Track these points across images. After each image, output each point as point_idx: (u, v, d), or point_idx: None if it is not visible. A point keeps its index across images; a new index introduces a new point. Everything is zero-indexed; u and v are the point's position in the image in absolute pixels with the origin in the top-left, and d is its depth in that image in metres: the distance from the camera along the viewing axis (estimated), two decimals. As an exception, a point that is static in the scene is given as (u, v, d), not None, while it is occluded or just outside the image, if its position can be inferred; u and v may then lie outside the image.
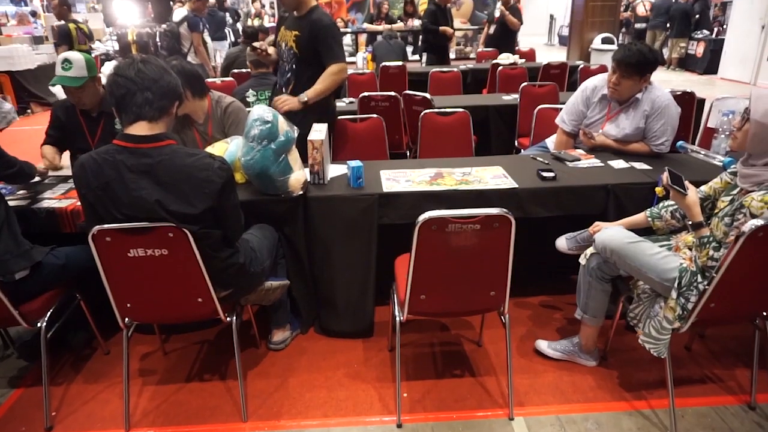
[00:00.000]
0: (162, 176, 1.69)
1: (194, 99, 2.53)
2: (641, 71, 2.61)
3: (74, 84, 2.54)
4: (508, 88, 5.01)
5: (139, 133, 1.71)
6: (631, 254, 1.97)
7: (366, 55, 6.62)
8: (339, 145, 3.32)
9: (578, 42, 9.13)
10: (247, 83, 3.73)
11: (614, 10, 8.89)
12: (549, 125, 3.25)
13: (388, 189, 2.34)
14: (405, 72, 5.55)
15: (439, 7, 6.29)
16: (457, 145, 3.44)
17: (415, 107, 3.88)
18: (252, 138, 2.13)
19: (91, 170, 1.71)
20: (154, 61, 1.75)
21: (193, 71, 2.49)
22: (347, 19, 9.69)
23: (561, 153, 2.76)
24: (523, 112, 4.14)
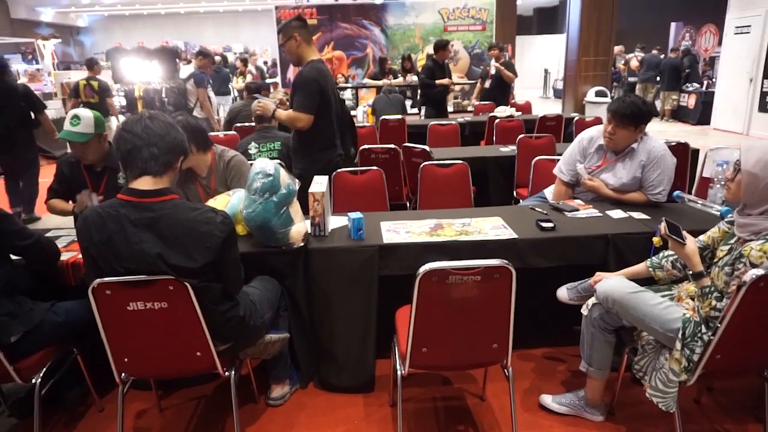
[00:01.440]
0: (164, 230, 1.70)
1: (198, 153, 2.58)
2: (636, 122, 2.67)
3: (79, 139, 2.60)
4: (506, 139, 5.12)
5: (143, 188, 1.74)
6: (633, 305, 1.96)
7: (366, 109, 6.79)
8: (339, 197, 3.36)
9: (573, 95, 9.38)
10: (250, 137, 3.81)
11: (606, 64, 9.20)
12: (547, 176, 3.30)
13: (389, 240, 2.35)
14: (404, 125, 5.69)
15: (437, 62, 6.52)
16: (457, 196, 3.48)
17: (414, 159, 3.94)
18: (254, 191, 2.16)
19: (95, 224, 1.72)
20: (161, 117, 1.80)
21: (197, 126, 2.56)
22: (348, 75, 10.01)
23: (559, 203, 2.79)
24: (520, 164, 4.21)
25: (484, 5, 10.36)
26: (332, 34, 10.26)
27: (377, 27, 10.29)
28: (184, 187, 2.64)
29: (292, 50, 3.10)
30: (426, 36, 10.27)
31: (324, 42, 10.26)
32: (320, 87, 3.02)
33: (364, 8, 10.47)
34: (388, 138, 5.39)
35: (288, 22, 3.12)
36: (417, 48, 10.37)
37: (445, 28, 10.34)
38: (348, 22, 10.23)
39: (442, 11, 10.34)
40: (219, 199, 2.36)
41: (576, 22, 8.93)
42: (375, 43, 10.34)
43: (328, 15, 10.22)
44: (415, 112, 7.27)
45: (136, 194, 1.73)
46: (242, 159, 2.71)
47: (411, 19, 10.30)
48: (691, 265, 1.90)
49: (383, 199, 3.39)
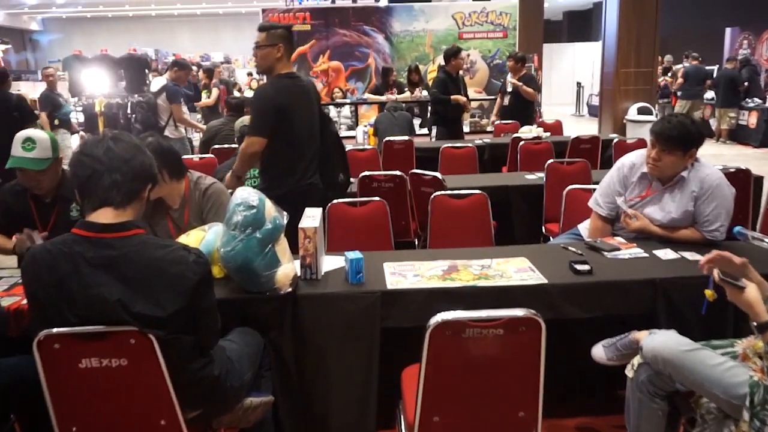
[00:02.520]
0: (127, 271, 1.71)
1: (171, 181, 2.61)
2: (684, 145, 2.70)
3: (36, 167, 2.62)
4: (532, 165, 5.16)
5: (102, 221, 1.75)
6: (689, 365, 1.94)
7: (367, 129, 6.88)
8: (335, 232, 3.37)
9: (611, 113, 9.49)
10: (231, 161, 3.85)
11: (650, 77, 9.32)
12: (581, 209, 3.32)
13: (393, 285, 2.35)
14: (412, 148, 5.75)
15: (450, 75, 6.63)
16: (474, 233, 3.49)
17: (424, 188, 3.97)
18: (234, 225, 2.18)
19: (44, 264, 1.73)
20: (126, 138, 1.83)
21: (170, 149, 2.60)
22: (346, 89, 10.17)
23: (597, 241, 2.79)
24: (550, 194, 4.24)
25: (505, 9, 10.57)
26: (328, 41, 10.45)
27: (381, 34, 10.49)
28: (151, 220, 2.66)
29: (267, 58, 3.19)
30: (437, 44, 10.44)
31: (319, 51, 10.45)
32: (276, 105, 3.10)
33: (365, 12, 10.70)
34: (392, 163, 5.44)
35: (277, 26, 3.22)
36: (427, 58, 10.55)
37: (460, 35, 10.52)
38: (347, 28, 10.44)
39: (456, 16, 10.55)
40: (192, 235, 2.37)
41: (613, 28, 9.11)
42: (378, 52, 10.53)
43: (323, 20, 10.43)
44: (425, 133, 7.35)
45: (95, 229, 1.74)
46: (221, 188, 2.74)
47: (420, 24, 10.51)
48: (753, 314, 1.89)
49: (387, 235, 3.40)
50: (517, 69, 7.05)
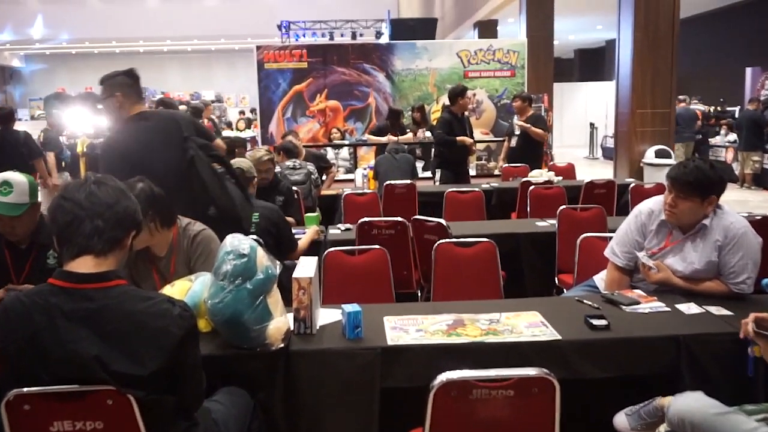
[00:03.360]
0: (106, 325, 1.70)
1: (162, 230, 2.63)
2: (702, 192, 2.72)
3: (12, 212, 2.63)
4: (543, 211, 5.18)
5: (82, 271, 1.75)
6: (720, 431, 1.91)
7: (367, 172, 6.94)
8: (332, 283, 3.36)
9: (626, 155, 9.57)
10: (219, 206, 3.88)
11: (667, 118, 9.44)
12: (597, 258, 3.32)
13: (394, 341, 2.33)
14: (414, 192, 5.79)
15: (455, 115, 6.73)
16: (481, 284, 3.49)
17: (427, 236, 3.98)
18: (223, 275, 2.18)
19: (17, 316, 1.72)
20: (110, 181, 1.85)
21: (161, 196, 2.63)
22: (345, 129, 10.30)
23: (614, 294, 2.78)
24: (563, 242, 4.25)
25: (513, 47, 10.80)
26: (326, 80, 10.63)
27: (381, 72, 10.67)
28: (133, 270, 2.66)
29: (109, 110, 3.27)
30: (441, 83, 10.61)
31: (316, 90, 10.62)
32: (121, 152, 3.13)
33: (365, 50, 10.92)
34: (394, 209, 5.47)
35: (112, 77, 3.27)
36: (430, 97, 10.71)
37: (466, 74, 10.71)
38: (346, 66, 10.62)
39: (461, 54, 10.76)
40: (177, 286, 2.37)
41: (627, 66, 9.28)
42: (379, 91, 10.69)
43: (321, 57, 10.63)
44: (428, 176, 7.41)
45: (73, 279, 1.74)
46: (211, 235, 2.76)
47: (423, 62, 10.71)
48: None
49: (387, 286, 3.40)
50: (523, 109, 7.18)
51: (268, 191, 4.61)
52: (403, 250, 4.04)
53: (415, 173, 6.62)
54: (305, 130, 10.43)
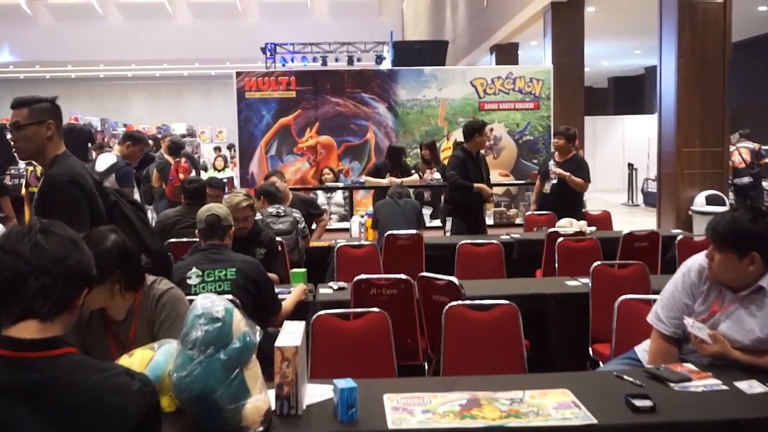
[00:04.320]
0: (53, 402, 1.69)
1: (126, 294, 2.64)
2: (738, 247, 2.74)
3: None
4: (574, 268, 5.17)
5: (24, 336, 1.74)
6: None
7: (364, 220, 6.97)
8: (321, 353, 3.35)
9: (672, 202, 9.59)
10: (190, 259, 3.88)
11: (720, 158, 9.47)
12: (638, 325, 3.31)
13: (396, 424, 2.31)
14: (421, 244, 5.80)
15: (470, 154, 6.80)
16: (501, 356, 3.47)
17: (436, 297, 3.98)
18: (192, 343, 2.17)
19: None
20: (60, 230, 1.85)
21: (135, 254, 2.65)
22: (339, 169, 10.32)
23: (660, 369, 2.76)
24: (597, 305, 4.24)
25: (536, 74, 10.92)
26: (317, 112, 10.70)
27: (383, 103, 10.75)
28: (85, 335, 2.66)
29: (35, 139, 3.12)
30: (453, 116, 10.71)
31: (305, 123, 10.68)
32: (86, 190, 3.13)
33: (364, 77, 11.03)
34: (396, 264, 5.46)
35: (40, 100, 3.18)
36: (440, 132, 10.78)
37: (482, 105, 10.80)
38: (341, 95, 10.70)
39: (476, 82, 10.87)
40: (137, 356, 2.36)
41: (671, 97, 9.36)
42: (379, 125, 10.75)
43: (312, 85, 10.73)
44: (437, 225, 7.43)
45: (14, 346, 1.73)
46: (179, 295, 2.75)
47: (432, 92, 10.80)
48: None
49: (388, 357, 3.38)
50: (565, 149, 7.13)
51: (247, 242, 4.62)
52: (407, 313, 4.03)
53: (422, 222, 6.64)
54: (292, 171, 10.50)
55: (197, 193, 5.96)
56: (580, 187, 7.07)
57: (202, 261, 3.80)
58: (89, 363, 1.77)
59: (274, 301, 3.87)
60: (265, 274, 3.88)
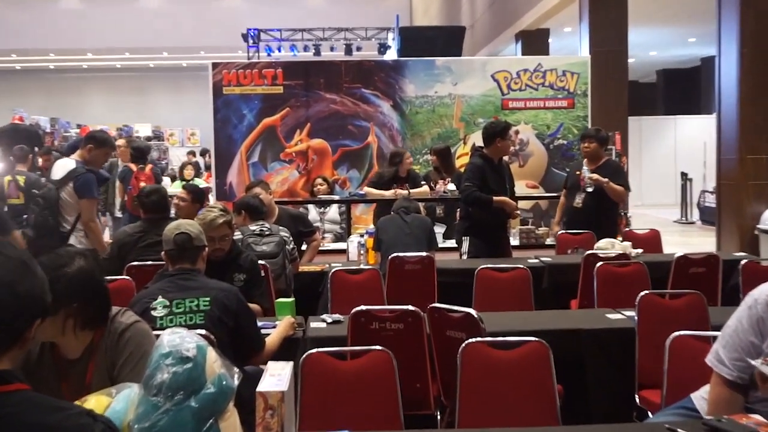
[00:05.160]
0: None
1: (81, 332, 2.63)
2: None
3: None
4: (616, 299, 5.16)
5: (-32, 372, 1.76)
6: None
7: (365, 240, 6.95)
8: (313, 399, 3.34)
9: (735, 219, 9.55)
10: (156, 286, 3.88)
11: (792, 168, 9.43)
12: (695, 368, 3.29)
13: (403, 486, 2.30)
14: (432, 269, 5.78)
15: (490, 161, 6.78)
16: (529, 404, 3.45)
17: (450, 332, 3.96)
18: (157, 388, 2.16)
19: None
20: (9, 250, 1.86)
21: (102, 286, 2.64)
22: (334, 179, 10.29)
23: (722, 420, 2.75)
24: (645, 344, 4.21)
25: (571, 66, 10.88)
26: (309, 110, 10.66)
27: (387, 101, 10.73)
28: (32, 376, 2.64)
29: None
30: (471, 116, 10.69)
31: (295, 124, 10.64)
32: None
33: (365, 70, 10.98)
34: (403, 292, 5.46)
35: None
36: (455, 136, 10.76)
37: (505, 103, 10.79)
38: (337, 91, 10.66)
39: (498, 76, 10.82)
40: (91, 402, 2.33)
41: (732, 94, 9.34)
42: (383, 126, 10.72)
43: (302, 79, 10.72)
44: (452, 246, 7.42)
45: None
46: (145, 330, 2.75)
47: (445, 87, 10.78)
48: None
49: (393, 405, 3.37)
50: (596, 154, 7.17)
51: (224, 267, 4.61)
52: (415, 352, 4.02)
53: (434, 242, 6.63)
54: (279, 180, 10.51)
55: (158, 206, 5.94)
56: (620, 196, 7.07)
57: (170, 289, 3.79)
58: (45, 401, 1.78)
59: (256, 336, 3.86)
60: (246, 305, 3.87)
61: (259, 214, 5.95)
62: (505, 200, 6.66)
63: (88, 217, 6.14)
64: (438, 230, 7.60)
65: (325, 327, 4.48)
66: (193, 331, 2.35)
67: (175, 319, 3.67)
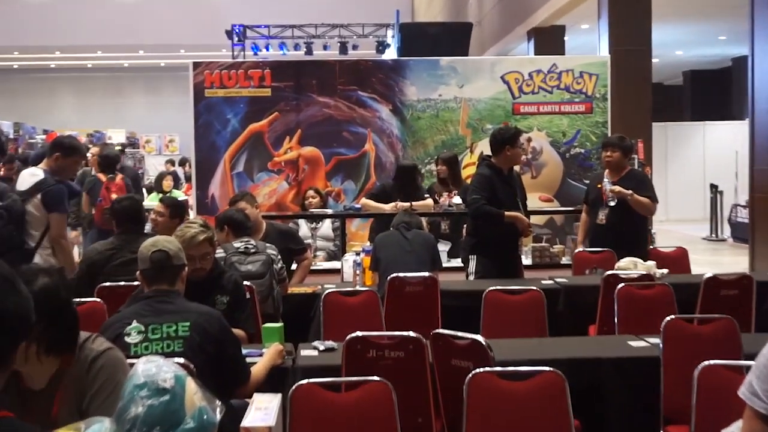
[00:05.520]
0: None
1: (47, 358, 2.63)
2: None
3: None
4: (640, 324, 5.15)
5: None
6: None
7: (361, 259, 6.95)
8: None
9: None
10: (130, 309, 3.87)
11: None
12: (726, 401, 3.29)
13: None
14: (436, 291, 5.77)
15: (499, 172, 6.78)
16: (543, 440, 3.44)
17: (456, 361, 3.96)
18: (131, 422, 2.15)
19: None
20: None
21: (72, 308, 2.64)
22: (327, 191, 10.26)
23: (756, 460, 2.75)
24: (671, 374, 4.22)
25: (589, 67, 10.86)
26: (299, 115, 10.63)
27: (386, 104, 10.71)
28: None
29: None
30: (479, 122, 10.65)
31: (284, 130, 10.58)
32: None
33: (361, 70, 10.95)
34: (403, 317, 5.44)
35: None
36: (461, 143, 10.74)
37: (516, 108, 10.76)
38: (330, 94, 10.62)
39: (508, 77, 10.81)
40: (58, 439, 2.34)
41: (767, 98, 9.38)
42: (381, 132, 10.68)
43: (293, 80, 10.70)
44: (458, 266, 7.41)
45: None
46: (119, 359, 2.74)
47: (450, 90, 10.75)
48: None
49: (392, 442, 3.36)
50: (619, 164, 7.17)
51: (206, 288, 4.61)
52: (417, 383, 4.02)
53: (438, 261, 6.62)
54: (266, 193, 10.48)
55: (131, 215, 5.92)
56: (647, 209, 7.06)
57: (146, 312, 3.79)
58: (29, 430, 1.78)
59: (241, 365, 3.86)
60: (229, 330, 3.86)
61: (244, 230, 5.94)
62: (517, 216, 6.64)
63: (58, 233, 6.13)
64: (442, 248, 7.59)
65: (317, 355, 4.48)
66: (170, 359, 2.35)
67: (150, 346, 3.67)
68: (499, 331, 5.21)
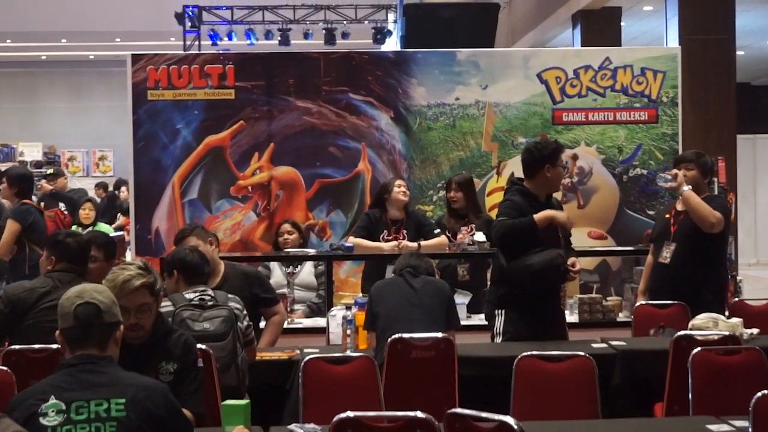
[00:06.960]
0: None
1: None
2: None
3: None
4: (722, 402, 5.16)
5: None
6: None
7: (352, 314, 6.95)
8: None
9: None
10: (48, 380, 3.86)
11: None
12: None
13: None
14: (452, 357, 5.78)
15: (534, 199, 6.78)
16: None
17: (478, 452, 3.96)
18: None
19: None
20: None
21: None
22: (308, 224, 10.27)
23: None
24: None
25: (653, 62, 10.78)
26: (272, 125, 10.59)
27: (386, 111, 10.69)
28: None
29: None
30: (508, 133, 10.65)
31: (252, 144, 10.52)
32: None
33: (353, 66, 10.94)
34: (408, 391, 5.46)
35: None
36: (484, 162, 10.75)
37: (557, 115, 10.73)
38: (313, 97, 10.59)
39: (547, 76, 10.77)
40: None
41: None
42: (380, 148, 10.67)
43: (263, 79, 10.73)
44: (480, 324, 7.42)
45: None
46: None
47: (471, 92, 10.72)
48: None
49: None
50: (697, 187, 7.20)
51: (146, 353, 4.60)
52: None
53: (454, 317, 6.63)
54: (227, 227, 10.47)
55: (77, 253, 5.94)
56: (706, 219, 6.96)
57: (68, 385, 3.78)
58: None
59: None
60: (178, 409, 3.86)
61: (199, 276, 5.90)
62: (549, 213, 6.67)
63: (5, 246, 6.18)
64: (460, 300, 7.59)
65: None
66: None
67: (74, 430, 3.67)
68: (536, 410, 5.22)
